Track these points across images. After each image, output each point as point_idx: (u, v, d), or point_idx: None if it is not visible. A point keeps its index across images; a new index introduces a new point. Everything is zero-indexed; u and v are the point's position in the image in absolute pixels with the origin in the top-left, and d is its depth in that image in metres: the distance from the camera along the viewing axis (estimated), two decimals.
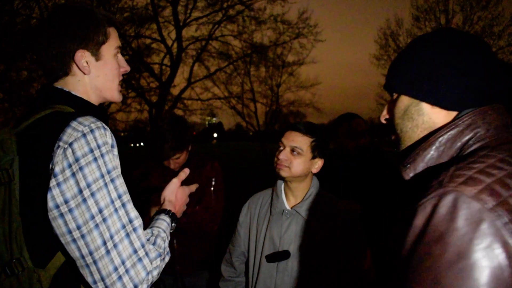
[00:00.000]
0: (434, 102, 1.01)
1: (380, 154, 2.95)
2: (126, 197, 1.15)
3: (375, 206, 2.66)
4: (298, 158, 1.87)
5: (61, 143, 1.10)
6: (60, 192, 1.06)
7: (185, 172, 1.53)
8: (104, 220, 1.07)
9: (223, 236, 2.79)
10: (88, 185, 1.08)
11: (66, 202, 1.06)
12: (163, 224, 1.32)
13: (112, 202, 1.10)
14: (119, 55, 1.38)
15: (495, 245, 0.74)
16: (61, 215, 1.06)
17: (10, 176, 1.12)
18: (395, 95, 1.12)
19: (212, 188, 2.65)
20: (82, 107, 1.27)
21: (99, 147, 1.12)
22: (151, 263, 1.13)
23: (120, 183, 1.15)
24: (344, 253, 1.89)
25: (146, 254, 1.13)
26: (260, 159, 27.51)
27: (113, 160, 1.15)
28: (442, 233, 0.78)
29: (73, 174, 1.07)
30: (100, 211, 1.08)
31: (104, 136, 1.15)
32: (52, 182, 1.07)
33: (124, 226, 1.11)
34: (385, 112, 1.17)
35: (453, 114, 1.01)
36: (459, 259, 0.75)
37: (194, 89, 19.64)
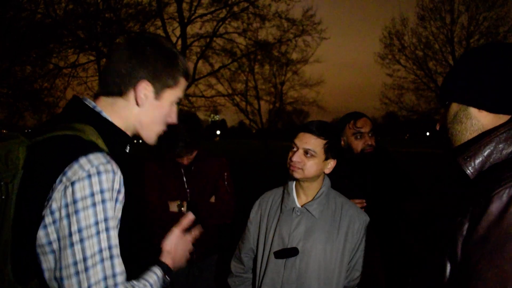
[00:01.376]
0: (480, 106, 1.12)
1: (385, 153, 2.95)
2: (116, 250, 1.11)
3: (383, 206, 2.67)
4: (311, 160, 1.87)
5: (64, 179, 1.07)
6: (55, 230, 1.06)
7: (189, 218, 1.51)
8: (86, 269, 1.04)
9: (228, 232, 2.83)
10: (79, 230, 1.05)
11: (57, 240, 1.06)
12: (153, 277, 1.28)
13: (101, 251, 1.07)
14: (174, 106, 1.38)
15: None
16: (52, 251, 1.07)
17: (9, 191, 1.10)
18: (447, 103, 1.23)
19: (226, 182, 2.76)
20: (107, 131, 1.24)
21: (101, 192, 1.08)
22: None
23: (114, 234, 1.11)
24: (353, 253, 1.90)
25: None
26: (263, 157, 27.52)
27: (112, 209, 1.11)
28: None
29: (68, 215, 1.05)
30: (84, 259, 1.05)
31: (111, 182, 1.11)
32: (48, 219, 1.06)
33: (105, 278, 1.07)
34: (440, 120, 1.28)
35: (499, 116, 1.11)
36: None
37: (198, 86, 19.69)
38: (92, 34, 12.95)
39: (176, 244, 1.45)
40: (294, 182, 2.00)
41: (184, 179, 2.69)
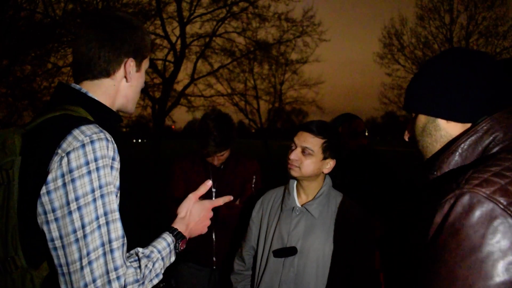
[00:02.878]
0: (449, 117, 1.10)
1: (376, 154, 3.06)
2: (112, 216, 1.13)
3: (381, 205, 2.71)
4: (308, 158, 1.89)
5: (59, 151, 1.10)
6: (49, 200, 1.07)
7: (206, 185, 1.49)
8: (85, 236, 1.07)
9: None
10: (76, 199, 1.07)
11: (53, 210, 1.07)
12: (162, 244, 1.30)
13: (97, 218, 1.09)
14: None
15: (506, 240, 0.81)
16: (47, 222, 1.07)
17: (10, 177, 1.12)
18: (413, 115, 1.20)
19: (253, 185, 2.75)
20: (97, 110, 1.28)
21: (96, 159, 1.11)
22: None
23: (110, 200, 1.13)
24: (353, 253, 1.90)
25: (118, 278, 1.10)
26: (262, 157, 27.52)
27: (108, 175, 1.13)
28: (458, 229, 0.85)
29: (64, 185, 1.07)
30: (83, 226, 1.07)
31: (105, 149, 1.13)
32: (43, 190, 1.08)
33: (103, 245, 1.09)
34: (406, 131, 1.27)
35: (468, 125, 1.09)
36: (472, 252, 0.82)
37: (197, 86, 19.70)
38: None
39: (191, 210, 1.45)
40: (295, 182, 2.02)
41: (211, 179, 2.68)
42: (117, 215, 1.14)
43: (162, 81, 16.98)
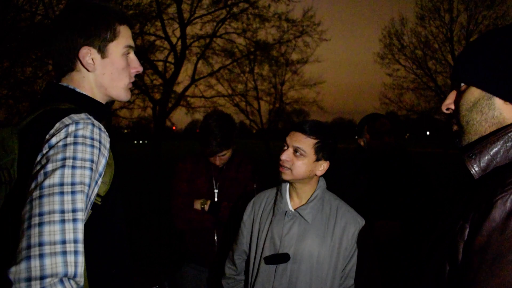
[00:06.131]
0: (509, 98, 0.99)
1: (403, 152, 3.04)
2: (81, 187, 1.04)
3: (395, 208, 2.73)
4: (300, 159, 1.81)
5: (47, 136, 1.10)
6: (32, 179, 1.03)
7: None
8: (41, 197, 0.98)
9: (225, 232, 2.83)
10: (45, 165, 1.03)
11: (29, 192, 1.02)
12: None
13: (61, 184, 1.01)
14: (131, 55, 1.36)
15: None
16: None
17: (11, 176, 1.11)
18: (463, 86, 1.08)
19: (254, 186, 2.76)
20: (86, 105, 1.26)
21: (75, 136, 1.08)
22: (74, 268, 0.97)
23: (81, 173, 1.05)
24: (348, 259, 1.83)
25: (76, 252, 0.98)
26: (263, 157, 27.49)
27: (86, 152, 1.08)
28: None
29: (41, 161, 1.05)
30: (42, 188, 0.99)
31: (88, 131, 1.11)
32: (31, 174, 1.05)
33: (62, 211, 0.99)
34: (449, 101, 1.13)
35: None
36: None
37: (198, 87, 19.74)
38: None
39: None
40: (288, 184, 1.95)
41: (214, 180, 2.72)
42: (85, 188, 1.06)
43: (162, 82, 17.01)
